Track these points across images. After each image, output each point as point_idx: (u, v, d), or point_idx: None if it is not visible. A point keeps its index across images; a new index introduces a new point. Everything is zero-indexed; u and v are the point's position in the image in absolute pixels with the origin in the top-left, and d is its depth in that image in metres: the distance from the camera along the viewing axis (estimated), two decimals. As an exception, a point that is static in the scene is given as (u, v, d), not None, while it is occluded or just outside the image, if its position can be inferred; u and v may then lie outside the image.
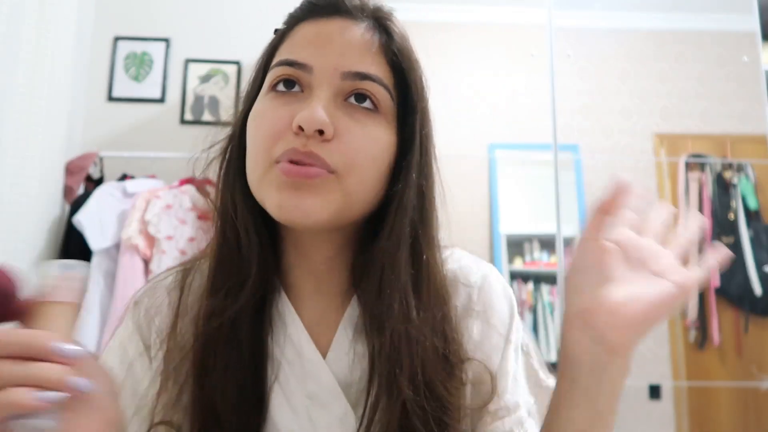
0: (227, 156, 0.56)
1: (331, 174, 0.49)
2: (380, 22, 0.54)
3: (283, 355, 0.54)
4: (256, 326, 0.54)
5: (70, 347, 0.38)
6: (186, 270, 0.59)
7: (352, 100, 0.51)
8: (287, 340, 0.55)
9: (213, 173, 0.58)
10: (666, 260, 0.43)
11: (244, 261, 0.53)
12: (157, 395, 0.53)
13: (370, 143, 0.50)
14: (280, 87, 0.51)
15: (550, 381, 0.59)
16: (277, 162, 0.49)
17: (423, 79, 0.56)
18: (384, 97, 0.52)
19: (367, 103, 0.51)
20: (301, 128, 0.47)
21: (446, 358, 0.53)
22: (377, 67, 0.52)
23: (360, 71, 0.50)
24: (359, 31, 0.52)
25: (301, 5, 0.56)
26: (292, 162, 0.48)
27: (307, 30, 0.53)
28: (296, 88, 0.51)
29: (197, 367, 0.51)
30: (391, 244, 0.52)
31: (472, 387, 0.55)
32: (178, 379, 0.52)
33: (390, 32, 0.54)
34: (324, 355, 0.55)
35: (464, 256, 0.62)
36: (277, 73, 0.52)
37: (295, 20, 0.55)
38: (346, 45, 0.51)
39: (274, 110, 0.51)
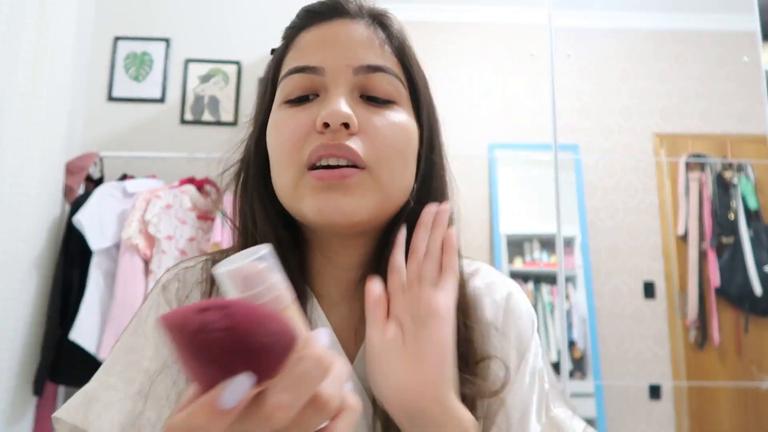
0: (243, 176, 0.57)
1: (363, 170, 0.49)
2: (378, 20, 0.55)
3: None
4: None
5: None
6: (214, 261, 0.57)
7: (367, 97, 0.51)
8: None
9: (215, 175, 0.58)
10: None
11: None
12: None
13: (395, 133, 0.51)
14: (295, 98, 0.52)
15: (559, 410, 0.57)
16: (309, 167, 0.49)
17: (424, 73, 0.57)
18: (398, 86, 0.52)
19: (383, 98, 0.52)
20: (325, 125, 0.48)
21: (464, 358, 0.52)
22: (386, 59, 0.53)
23: (371, 64, 0.51)
24: (362, 28, 0.53)
25: (299, 15, 0.56)
26: (322, 165, 0.48)
27: (310, 36, 0.53)
28: (311, 97, 0.52)
29: None
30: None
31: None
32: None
33: (388, 28, 0.55)
34: (352, 360, 0.54)
35: (491, 273, 0.62)
36: (289, 82, 0.52)
37: (295, 31, 0.55)
38: (352, 41, 0.52)
39: (293, 116, 0.51)
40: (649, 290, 2.32)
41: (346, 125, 0.48)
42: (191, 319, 0.27)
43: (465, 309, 0.54)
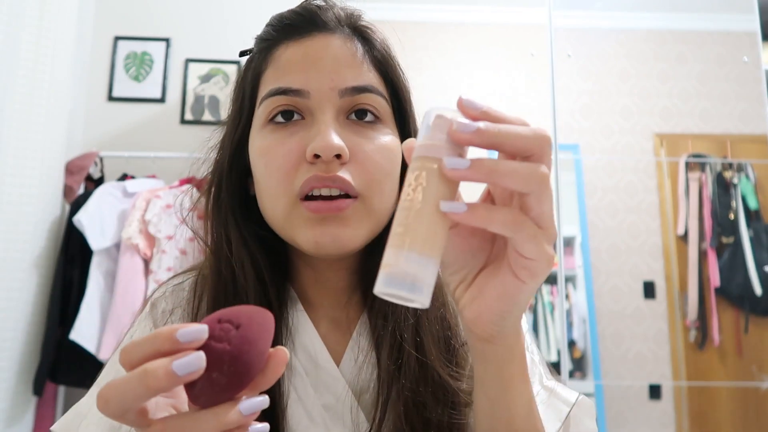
0: (214, 191, 0.55)
1: (356, 199, 0.49)
2: (358, 30, 0.54)
3: (300, 364, 0.54)
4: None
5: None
6: (203, 277, 0.57)
7: (353, 117, 0.51)
8: (303, 350, 0.54)
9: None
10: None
11: (240, 298, 0.52)
12: None
13: (383, 156, 0.50)
14: (279, 119, 0.50)
15: (551, 382, 0.58)
16: (302, 198, 0.48)
17: (407, 82, 0.56)
18: (382, 105, 0.52)
19: (368, 117, 0.51)
20: (316, 156, 0.47)
21: (447, 342, 0.54)
22: (368, 76, 0.52)
23: (356, 85, 0.50)
24: (342, 43, 0.52)
25: (274, 26, 0.54)
26: (315, 195, 0.48)
27: (290, 53, 0.51)
28: (296, 117, 0.50)
29: None
30: None
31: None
32: None
33: (369, 39, 0.54)
34: (339, 363, 0.54)
35: None
36: (272, 104, 0.51)
37: (271, 43, 0.53)
38: (335, 61, 0.50)
39: (281, 143, 0.50)
40: (649, 290, 2.32)
41: (338, 155, 0.48)
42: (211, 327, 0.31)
43: (443, 296, 0.55)
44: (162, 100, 2.31)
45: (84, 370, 1.75)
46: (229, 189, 0.54)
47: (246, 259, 0.52)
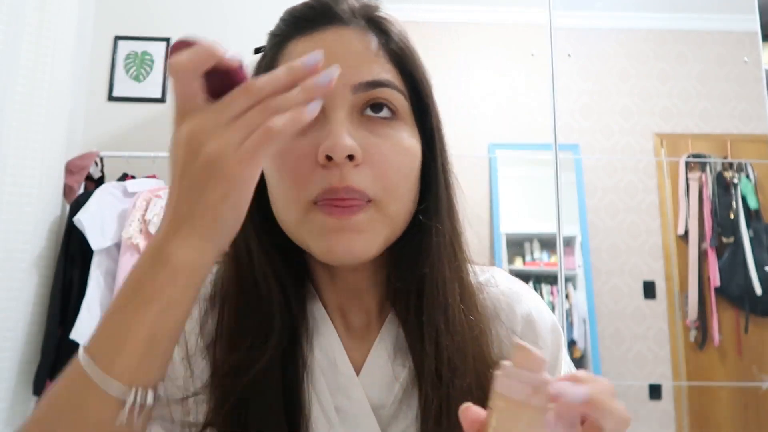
0: None
1: (370, 203, 0.47)
2: (374, 22, 0.51)
3: (318, 364, 0.52)
4: (289, 355, 0.51)
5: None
6: (226, 279, 0.55)
7: (369, 111, 0.48)
8: (321, 350, 0.53)
9: None
10: None
11: (265, 312, 0.50)
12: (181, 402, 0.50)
13: (399, 157, 0.48)
14: None
15: None
16: (315, 203, 0.47)
17: (427, 74, 0.53)
18: (399, 100, 0.49)
19: (384, 112, 0.48)
20: (328, 158, 0.45)
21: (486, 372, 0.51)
22: (384, 71, 0.49)
23: (370, 80, 0.48)
24: (356, 36, 0.49)
25: (285, 21, 0.52)
26: (332, 202, 0.46)
27: (302, 49, 0.49)
28: None
29: (227, 416, 0.48)
30: (433, 259, 0.51)
31: None
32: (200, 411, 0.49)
33: (386, 31, 0.51)
34: (357, 373, 0.52)
35: (505, 280, 0.60)
36: None
37: (283, 39, 0.52)
38: (348, 55, 0.48)
39: (292, 145, 0.47)
40: (649, 290, 2.32)
41: (350, 157, 0.45)
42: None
43: (473, 311, 0.53)
44: (162, 99, 2.31)
45: (84, 370, 1.75)
46: None
47: (267, 269, 0.51)
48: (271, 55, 0.53)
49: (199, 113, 0.39)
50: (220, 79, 0.40)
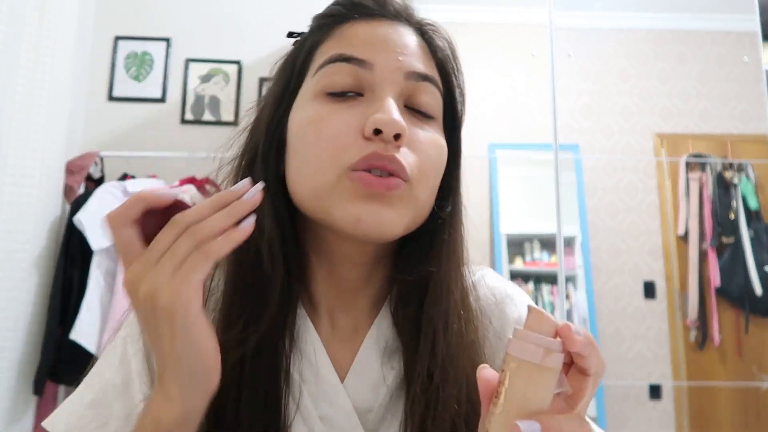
0: (246, 164, 0.52)
1: (407, 183, 0.46)
2: (424, 30, 0.52)
3: (300, 374, 0.51)
4: (277, 347, 0.50)
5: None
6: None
7: (412, 105, 0.49)
8: (304, 358, 0.51)
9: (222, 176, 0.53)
10: None
11: (265, 285, 0.48)
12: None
13: (435, 150, 0.49)
14: (338, 92, 0.47)
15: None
16: (353, 170, 0.45)
17: (464, 90, 0.54)
18: (439, 101, 0.50)
19: (426, 109, 0.49)
20: (375, 132, 0.44)
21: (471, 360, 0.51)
22: (433, 71, 0.50)
23: (422, 72, 0.48)
24: (411, 34, 0.51)
25: (345, 5, 0.51)
26: (371, 170, 0.45)
27: (358, 29, 0.49)
28: (352, 95, 0.47)
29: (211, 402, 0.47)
30: (441, 258, 0.51)
31: None
32: None
33: (435, 41, 0.52)
34: (343, 376, 0.51)
35: (496, 280, 0.60)
36: (331, 71, 0.47)
37: (336, 20, 0.51)
38: (403, 45, 0.49)
39: (336, 114, 0.46)
40: (649, 290, 2.32)
41: (397, 136, 0.44)
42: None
43: (470, 318, 0.52)
44: (162, 99, 2.31)
45: (84, 370, 1.75)
46: (263, 162, 0.51)
47: (276, 240, 0.49)
48: (318, 33, 0.51)
49: (136, 259, 0.40)
50: (162, 219, 0.41)
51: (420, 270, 0.50)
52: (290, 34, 0.55)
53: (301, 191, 0.48)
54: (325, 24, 0.51)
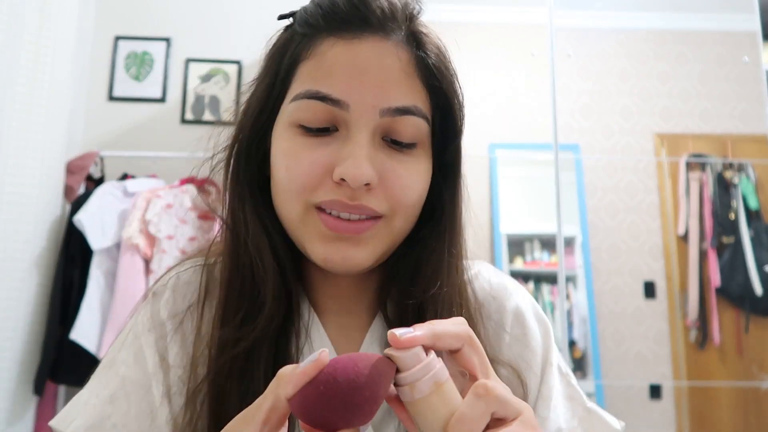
0: (233, 163, 0.52)
1: (379, 219, 0.47)
2: (413, 35, 0.49)
3: None
4: (279, 347, 0.50)
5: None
6: (209, 266, 0.54)
7: (389, 140, 0.47)
8: (308, 357, 0.51)
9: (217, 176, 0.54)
10: None
11: (257, 288, 0.49)
12: (170, 416, 0.49)
13: (414, 182, 0.48)
14: (312, 127, 0.47)
15: (592, 404, 0.58)
16: (319, 209, 0.46)
17: (461, 95, 0.52)
18: (422, 128, 0.48)
19: (406, 140, 0.48)
20: (343, 179, 0.44)
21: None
22: (415, 94, 0.48)
23: (399, 106, 0.46)
24: (393, 51, 0.47)
25: (324, 14, 0.48)
26: (338, 215, 0.45)
27: (337, 54, 0.47)
28: (329, 127, 0.47)
29: (212, 398, 0.48)
30: (432, 270, 0.51)
31: None
32: (190, 407, 0.48)
33: (424, 45, 0.49)
34: None
35: (492, 274, 0.60)
36: (306, 107, 0.46)
37: (317, 31, 0.48)
38: (382, 75, 0.46)
39: (308, 151, 0.46)
40: (649, 290, 2.32)
41: (366, 184, 0.45)
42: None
43: (469, 312, 0.53)
44: (162, 99, 2.31)
45: (84, 369, 1.74)
46: (247, 163, 0.51)
47: (265, 247, 0.49)
48: (301, 43, 0.49)
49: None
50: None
51: (413, 287, 0.51)
52: (281, 17, 0.54)
53: (280, 216, 0.50)
54: (307, 34, 0.49)
